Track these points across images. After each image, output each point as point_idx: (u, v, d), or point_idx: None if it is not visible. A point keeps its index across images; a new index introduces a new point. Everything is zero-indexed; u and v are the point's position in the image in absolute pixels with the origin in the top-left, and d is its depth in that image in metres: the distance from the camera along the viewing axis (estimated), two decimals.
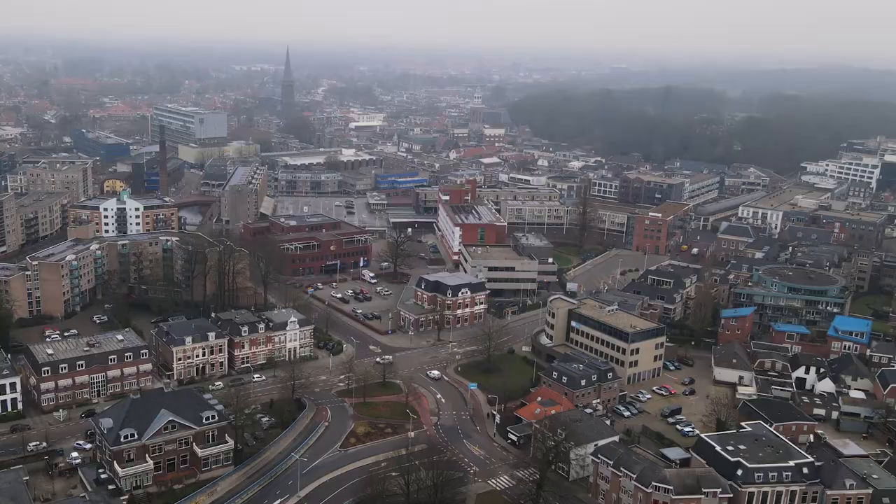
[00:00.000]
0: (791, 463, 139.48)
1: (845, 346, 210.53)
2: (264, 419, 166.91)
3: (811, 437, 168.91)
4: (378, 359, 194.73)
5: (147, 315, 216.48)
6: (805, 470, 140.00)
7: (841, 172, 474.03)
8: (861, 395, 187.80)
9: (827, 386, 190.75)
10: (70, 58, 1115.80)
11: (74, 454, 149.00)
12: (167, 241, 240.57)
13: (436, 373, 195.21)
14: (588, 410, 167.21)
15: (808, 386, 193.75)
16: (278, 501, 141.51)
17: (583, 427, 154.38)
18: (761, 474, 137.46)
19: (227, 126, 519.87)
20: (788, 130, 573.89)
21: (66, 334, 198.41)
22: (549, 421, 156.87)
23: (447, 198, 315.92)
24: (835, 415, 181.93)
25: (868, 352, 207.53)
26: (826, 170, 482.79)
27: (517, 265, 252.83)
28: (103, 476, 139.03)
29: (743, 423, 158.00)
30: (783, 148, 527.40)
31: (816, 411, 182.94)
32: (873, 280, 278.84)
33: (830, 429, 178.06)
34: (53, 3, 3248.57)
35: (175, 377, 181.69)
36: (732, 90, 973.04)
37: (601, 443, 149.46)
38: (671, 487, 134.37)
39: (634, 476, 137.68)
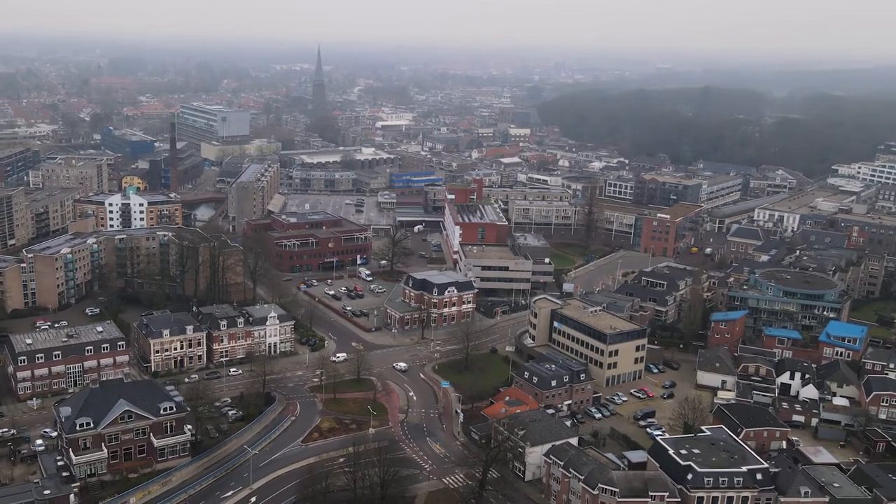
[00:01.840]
0: (743, 468, 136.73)
1: (837, 353, 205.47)
2: (231, 412, 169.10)
3: (783, 443, 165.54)
4: (333, 357, 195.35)
5: (139, 308, 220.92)
6: (759, 476, 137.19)
7: (873, 175, 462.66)
8: (845, 402, 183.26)
9: (810, 392, 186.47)
10: (115, 57, 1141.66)
11: (39, 441, 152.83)
12: (164, 235, 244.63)
13: (402, 365, 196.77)
14: (550, 411, 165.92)
15: (793, 392, 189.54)
16: (231, 493, 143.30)
17: (541, 427, 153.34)
18: (711, 479, 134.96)
19: (249, 124, 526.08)
20: (825, 131, 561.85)
21: (56, 325, 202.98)
22: (509, 420, 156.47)
23: (452, 197, 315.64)
24: (815, 422, 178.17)
25: (862, 358, 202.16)
26: (858, 172, 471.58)
27: (511, 265, 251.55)
28: (60, 463, 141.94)
29: (703, 427, 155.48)
30: (818, 149, 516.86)
31: (796, 418, 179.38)
32: (886, 285, 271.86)
33: (808, 436, 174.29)
34: (103, 4, 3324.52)
35: (152, 369, 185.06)
36: (779, 90, 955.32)
37: (559, 444, 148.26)
38: (617, 490, 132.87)
39: (582, 477, 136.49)
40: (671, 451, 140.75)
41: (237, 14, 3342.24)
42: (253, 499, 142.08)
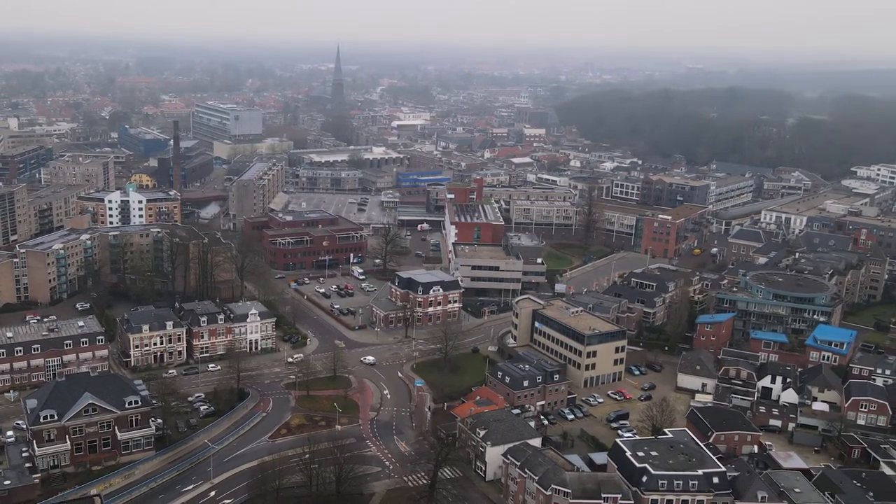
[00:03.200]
0: (699, 472, 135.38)
1: (824, 357, 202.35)
2: (203, 407, 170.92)
3: (755, 447, 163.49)
4: (289, 358, 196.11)
5: (130, 304, 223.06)
6: (715, 479, 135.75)
7: (892, 177, 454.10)
8: (825, 407, 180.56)
9: (790, 396, 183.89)
10: (144, 57, 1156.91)
11: (10, 433, 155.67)
12: (158, 232, 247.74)
13: (370, 358, 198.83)
14: (515, 411, 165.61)
15: (774, 396, 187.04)
16: (191, 486, 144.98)
17: (503, 427, 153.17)
18: (665, 482, 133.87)
19: (262, 123, 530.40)
20: (848, 132, 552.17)
21: (45, 320, 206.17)
22: (472, 420, 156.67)
23: (452, 196, 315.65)
24: (791, 426, 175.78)
25: (849, 363, 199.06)
26: (878, 174, 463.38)
27: (501, 265, 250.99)
28: (25, 454, 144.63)
29: (665, 430, 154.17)
30: (839, 151, 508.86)
31: (773, 422, 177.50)
32: (888, 289, 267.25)
33: (784, 441, 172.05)
34: (139, 6, 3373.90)
35: (131, 364, 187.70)
36: (812, 91, 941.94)
37: (517, 444, 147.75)
38: (569, 491, 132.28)
39: (537, 478, 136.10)
40: (628, 453, 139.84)
41: (272, 15, 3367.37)
42: (212, 493, 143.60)
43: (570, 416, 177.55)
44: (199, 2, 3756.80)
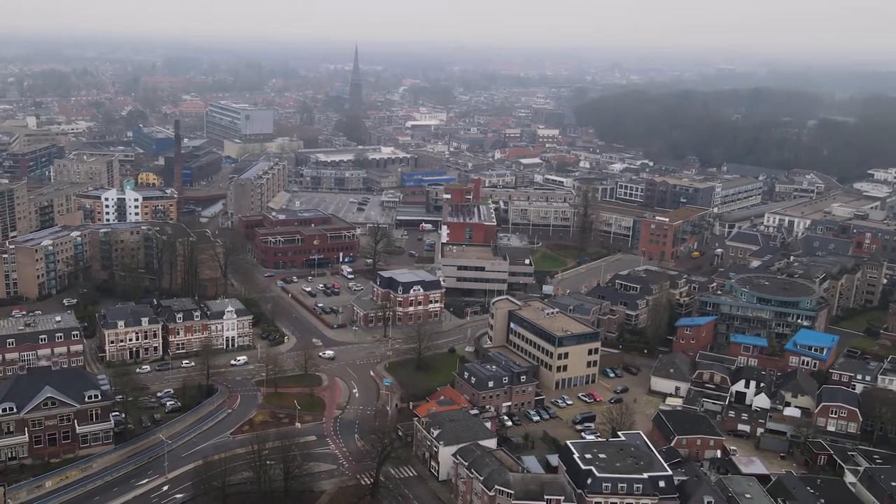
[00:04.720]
0: (645, 475, 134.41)
1: (803, 362, 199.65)
2: (169, 402, 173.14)
3: (718, 452, 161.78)
4: (232, 361, 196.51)
5: (116, 300, 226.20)
6: (661, 483, 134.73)
7: None
8: (796, 412, 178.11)
9: (762, 401, 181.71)
10: (172, 57, 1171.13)
11: None
12: (147, 230, 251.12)
13: (329, 353, 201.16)
14: (474, 411, 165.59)
15: (747, 400, 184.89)
16: (146, 480, 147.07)
17: (457, 427, 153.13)
18: (610, 484, 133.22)
19: (273, 122, 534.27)
20: (869, 134, 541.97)
21: (30, 314, 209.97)
22: (428, 419, 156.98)
23: (448, 196, 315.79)
24: (760, 431, 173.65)
25: (829, 369, 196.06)
26: (895, 176, 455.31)
27: (487, 265, 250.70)
28: None
29: (619, 433, 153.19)
30: (859, 152, 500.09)
31: (741, 427, 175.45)
32: (885, 294, 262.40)
33: (751, 446, 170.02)
34: (169, 6, 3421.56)
35: (106, 359, 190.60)
36: (843, 91, 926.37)
37: (468, 444, 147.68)
38: (512, 492, 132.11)
39: (482, 478, 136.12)
40: (576, 455, 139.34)
41: (304, 16, 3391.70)
42: (165, 487, 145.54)
43: (536, 418, 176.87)
44: (231, 3, 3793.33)
